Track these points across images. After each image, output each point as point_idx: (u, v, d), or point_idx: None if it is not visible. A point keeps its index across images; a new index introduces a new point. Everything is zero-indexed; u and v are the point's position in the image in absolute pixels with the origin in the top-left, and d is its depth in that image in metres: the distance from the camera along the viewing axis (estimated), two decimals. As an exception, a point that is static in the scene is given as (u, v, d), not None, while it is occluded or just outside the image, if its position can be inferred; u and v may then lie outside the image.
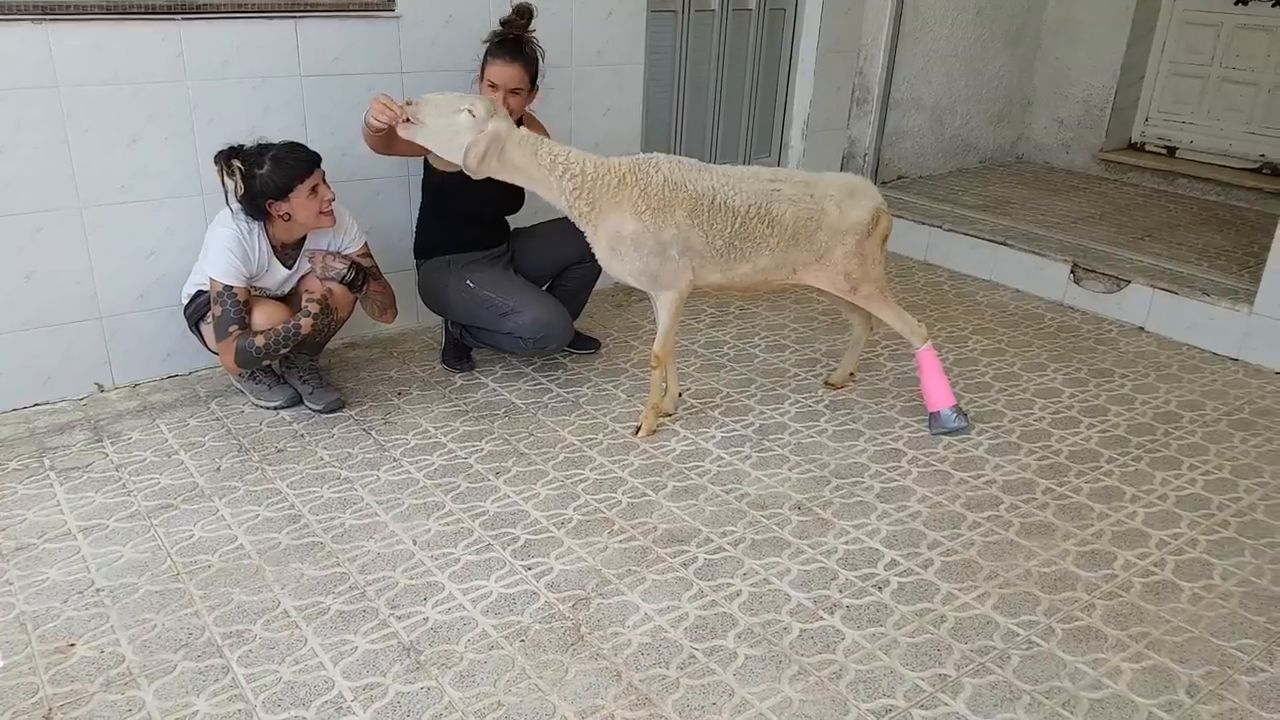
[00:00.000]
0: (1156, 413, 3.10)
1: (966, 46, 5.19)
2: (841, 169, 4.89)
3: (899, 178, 5.19)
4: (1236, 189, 4.93)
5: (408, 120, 2.57)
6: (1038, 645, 2.05)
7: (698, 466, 2.73)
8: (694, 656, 2.00)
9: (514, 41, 2.88)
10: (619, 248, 2.66)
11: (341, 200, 2.86)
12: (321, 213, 2.73)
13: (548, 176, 2.62)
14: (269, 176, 2.63)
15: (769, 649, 2.02)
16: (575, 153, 2.63)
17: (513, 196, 3.17)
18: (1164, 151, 5.33)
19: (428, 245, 3.08)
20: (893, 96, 4.91)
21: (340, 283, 2.82)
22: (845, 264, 2.76)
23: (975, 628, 2.10)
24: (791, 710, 1.86)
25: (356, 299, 2.91)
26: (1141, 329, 3.75)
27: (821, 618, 2.12)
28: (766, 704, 1.88)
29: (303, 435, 2.83)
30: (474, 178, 2.58)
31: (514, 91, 2.89)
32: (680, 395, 3.09)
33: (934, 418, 2.93)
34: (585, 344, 3.46)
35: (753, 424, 2.98)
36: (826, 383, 3.23)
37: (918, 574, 2.28)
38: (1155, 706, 1.89)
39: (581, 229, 2.70)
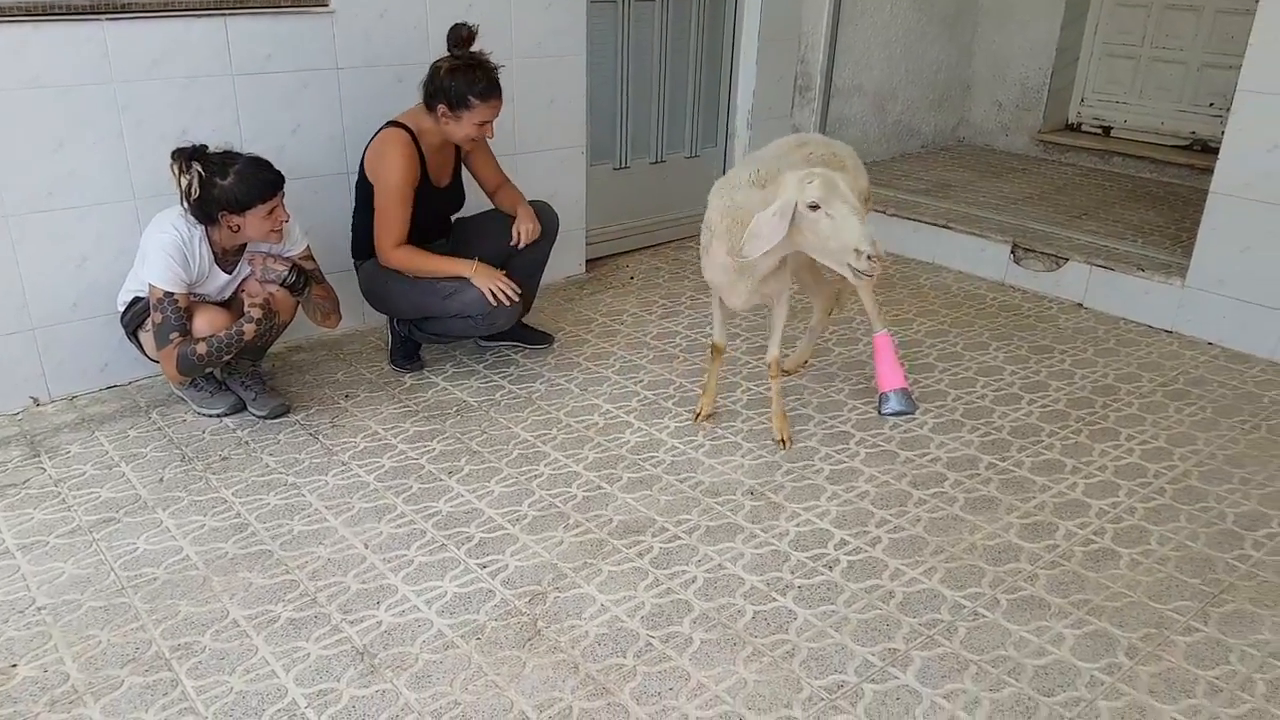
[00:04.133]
0: (1095, 386, 3.18)
1: (905, 32, 5.25)
2: (786, 156, 4.92)
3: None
4: (1169, 166, 5.06)
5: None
6: (983, 616, 2.10)
7: (652, 457, 2.74)
8: (650, 644, 2.01)
9: (493, 75, 2.86)
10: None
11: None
12: (273, 230, 2.70)
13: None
14: (231, 189, 2.58)
15: (724, 632, 2.04)
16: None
17: (458, 196, 3.16)
18: (1100, 131, 5.45)
19: (368, 246, 3.04)
20: (835, 84, 4.95)
21: (282, 286, 2.78)
22: None
23: (923, 602, 2.15)
24: (746, 691, 1.89)
25: (299, 302, 2.87)
26: (1080, 305, 3.84)
27: (774, 599, 2.15)
28: (722, 686, 1.90)
29: (247, 442, 2.78)
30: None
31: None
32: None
33: (884, 399, 2.98)
34: (537, 339, 3.45)
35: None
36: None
37: (867, 552, 2.32)
38: (1096, 670, 1.95)
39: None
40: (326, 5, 3.18)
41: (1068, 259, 3.88)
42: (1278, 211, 3.26)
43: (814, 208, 2.27)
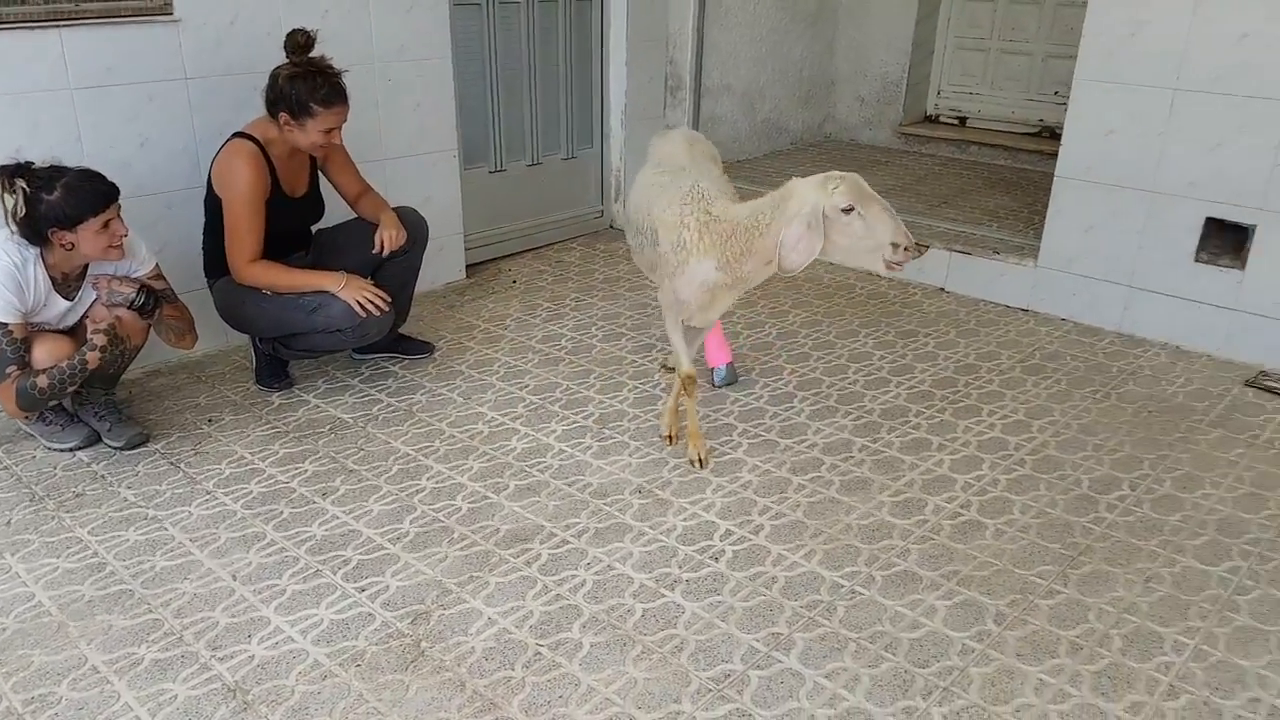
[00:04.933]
0: (958, 366, 3.32)
1: (770, 31, 5.38)
2: (660, 156, 4.97)
3: (717, 161, 5.32)
4: (1021, 153, 5.34)
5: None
6: (860, 594, 2.17)
7: (539, 463, 2.72)
8: (540, 653, 1.99)
9: (335, 81, 2.77)
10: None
11: (128, 219, 2.66)
12: (111, 247, 2.54)
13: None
14: (59, 204, 2.41)
15: (613, 634, 2.04)
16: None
17: (316, 206, 3.05)
18: (956, 122, 5.71)
19: (220, 262, 2.90)
20: (704, 83, 5.02)
21: (129, 308, 2.63)
22: None
23: (804, 584, 2.20)
24: (636, 690, 1.89)
25: (149, 324, 2.72)
26: (942, 289, 4.02)
27: (663, 594, 2.16)
28: (612, 688, 1.89)
29: (103, 476, 2.63)
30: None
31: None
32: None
33: (715, 372, 3.16)
34: (416, 349, 3.37)
35: (593, 414, 2.99)
36: (664, 366, 3.29)
37: (750, 540, 2.36)
38: (967, 638, 2.03)
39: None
40: (171, 14, 3.04)
41: (929, 245, 4.03)
42: (1116, 192, 3.49)
43: (848, 210, 2.24)
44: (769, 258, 2.35)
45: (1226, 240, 3.32)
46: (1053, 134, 5.31)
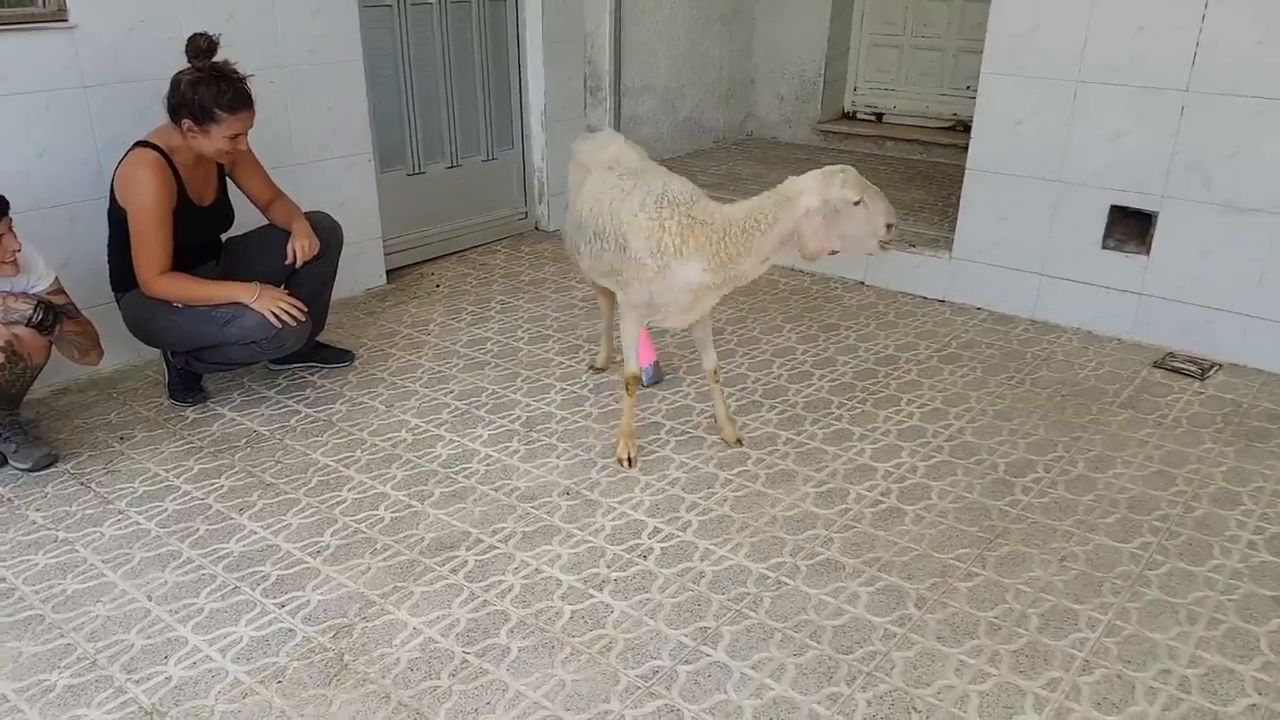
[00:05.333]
0: (878, 357, 3.39)
1: (688, 31, 5.41)
2: (584, 156, 4.96)
3: (641, 161, 5.33)
4: (936, 146, 5.47)
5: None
6: (786, 584, 2.19)
7: (465, 468, 2.69)
8: (466, 661, 1.97)
9: (240, 86, 2.69)
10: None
11: (27, 232, 2.56)
12: (2, 263, 2.44)
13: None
14: None
15: (541, 637, 2.03)
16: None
17: (225, 214, 2.97)
18: (873, 118, 5.82)
19: (128, 275, 2.80)
20: (624, 83, 5.03)
21: (27, 326, 2.52)
22: None
23: (731, 577, 2.22)
24: (565, 692, 1.88)
25: (51, 341, 2.62)
26: (862, 283, 4.09)
27: (592, 595, 2.16)
28: (540, 692, 1.88)
29: (10, 499, 2.52)
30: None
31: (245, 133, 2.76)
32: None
33: (643, 371, 3.06)
34: (335, 357, 3.31)
35: (520, 417, 2.97)
36: (591, 367, 3.28)
37: (678, 537, 2.37)
38: (889, 623, 2.07)
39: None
40: (66, 20, 2.93)
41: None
42: (1025, 183, 3.59)
43: (857, 203, 2.30)
44: (765, 256, 2.40)
45: (1131, 227, 3.45)
46: (966, 128, 5.38)
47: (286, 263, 2.93)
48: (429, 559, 2.30)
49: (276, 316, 2.75)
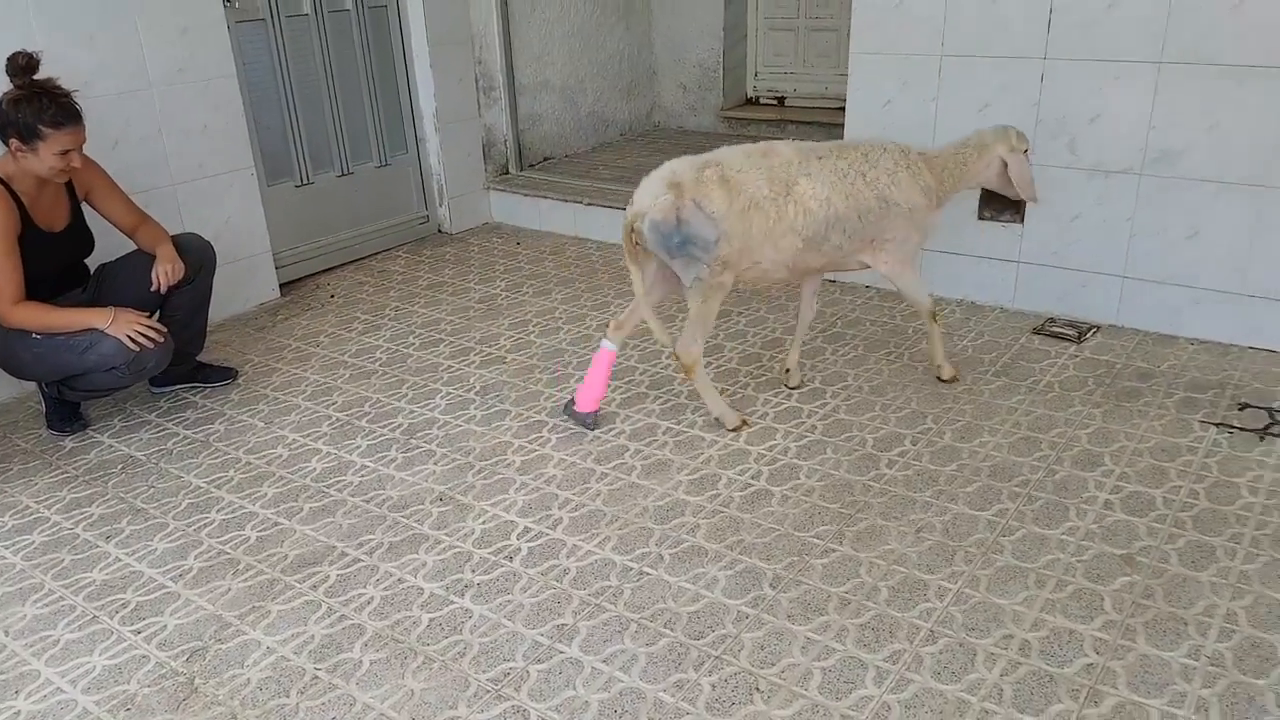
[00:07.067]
0: (764, 341, 3.42)
1: (582, 25, 5.40)
2: (484, 158, 4.94)
3: (545, 159, 5.32)
4: (835, 128, 5.46)
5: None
6: (648, 574, 2.21)
7: (338, 481, 2.67)
8: (317, 677, 1.96)
9: (63, 100, 2.64)
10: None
11: None
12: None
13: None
14: None
15: (395, 648, 2.03)
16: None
17: (82, 240, 2.92)
18: (775, 102, 5.85)
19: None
20: (519, 81, 5.01)
21: None
22: None
23: (595, 572, 2.23)
24: (413, 702, 1.88)
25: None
26: (755, 266, 4.11)
27: (453, 601, 2.16)
28: (387, 704, 1.88)
29: None
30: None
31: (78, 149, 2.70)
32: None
33: (571, 409, 2.88)
34: (217, 376, 3.27)
35: (401, 425, 2.96)
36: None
37: (548, 535, 2.38)
38: (743, 605, 2.10)
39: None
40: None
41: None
42: (901, 161, 3.63)
43: (1026, 152, 2.88)
44: (970, 184, 2.95)
45: (1004, 197, 3.50)
46: (865, 107, 5.50)
47: (152, 289, 2.89)
48: (290, 576, 2.28)
49: (134, 340, 2.71)
